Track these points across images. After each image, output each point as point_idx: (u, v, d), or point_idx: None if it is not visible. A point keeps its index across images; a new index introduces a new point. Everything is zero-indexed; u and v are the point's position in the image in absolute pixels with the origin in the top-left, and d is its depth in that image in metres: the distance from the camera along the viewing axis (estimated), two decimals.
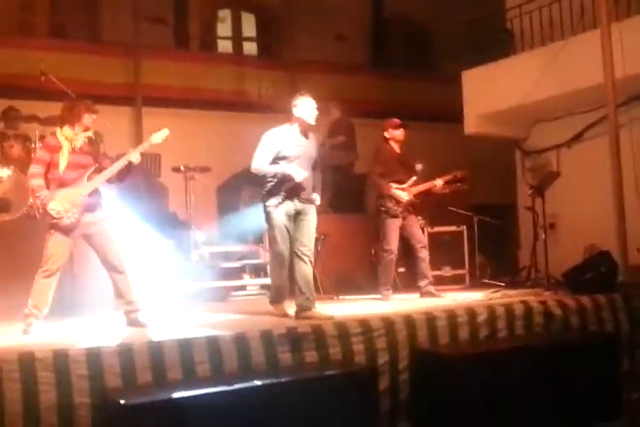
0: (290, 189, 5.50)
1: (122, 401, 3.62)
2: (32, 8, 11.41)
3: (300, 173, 5.44)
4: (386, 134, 6.89)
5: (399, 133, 6.86)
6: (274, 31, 13.75)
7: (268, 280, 7.60)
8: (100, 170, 5.21)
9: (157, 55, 11.09)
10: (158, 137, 5.34)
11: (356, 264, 8.16)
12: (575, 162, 8.79)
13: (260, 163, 5.55)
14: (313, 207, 5.67)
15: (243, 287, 7.82)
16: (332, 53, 12.65)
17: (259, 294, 7.68)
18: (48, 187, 5.13)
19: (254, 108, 11.38)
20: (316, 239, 7.60)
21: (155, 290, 6.31)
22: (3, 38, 9.91)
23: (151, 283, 6.25)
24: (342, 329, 4.88)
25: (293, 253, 5.55)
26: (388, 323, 5.06)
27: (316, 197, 5.67)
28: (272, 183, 5.56)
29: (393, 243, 6.67)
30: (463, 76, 9.46)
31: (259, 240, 8.26)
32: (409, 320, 5.14)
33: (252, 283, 7.76)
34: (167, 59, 11.21)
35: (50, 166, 5.14)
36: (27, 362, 3.96)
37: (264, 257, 8.04)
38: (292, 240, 5.56)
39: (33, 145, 7.04)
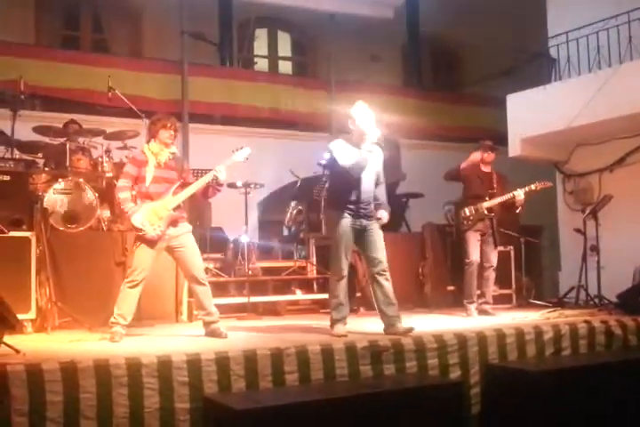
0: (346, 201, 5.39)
1: (237, 407, 3.76)
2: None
3: None
4: (476, 155, 7.19)
5: (487, 155, 7.15)
6: (309, 50, 14.04)
7: (318, 296, 7.84)
8: (184, 185, 5.42)
9: (203, 72, 11.33)
10: (241, 155, 5.52)
11: (403, 281, 8.27)
12: (617, 186, 8.94)
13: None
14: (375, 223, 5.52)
15: (294, 302, 7.96)
16: (366, 73, 12.88)
17: (310, 309, 7.83)
18: (134, 200, 5.34)
19: (297, 127, 11.66)
20: None
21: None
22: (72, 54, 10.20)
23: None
24: (419, 344, 5.05)
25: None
26: (462, 339, 5.23)
27: (383, 215, 5.50)
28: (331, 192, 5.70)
29: (472, 255, 6.90)
30: (508, 99, 9.64)
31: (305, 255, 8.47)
32: (480, 336, 5.32)
33: (304, 298, 7.90)
34: (212, 76, 11.45)
35: (137, 180, 5.34)
36: (134, 368, 4.13)
37: (311, 273, 8.24)
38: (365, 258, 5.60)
39: (100, 159, 7.23)
